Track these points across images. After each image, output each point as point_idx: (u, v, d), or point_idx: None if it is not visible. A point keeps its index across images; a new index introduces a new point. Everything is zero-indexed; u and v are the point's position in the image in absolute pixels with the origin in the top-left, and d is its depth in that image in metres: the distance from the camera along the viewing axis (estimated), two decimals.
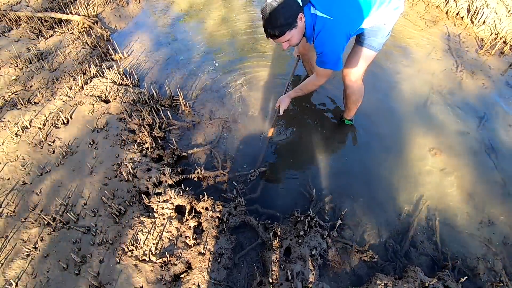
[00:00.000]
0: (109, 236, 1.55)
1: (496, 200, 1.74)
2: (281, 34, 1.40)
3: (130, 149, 1.97)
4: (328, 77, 1.71)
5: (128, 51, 2.92)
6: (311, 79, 1.79)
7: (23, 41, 2.98)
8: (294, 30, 1.42)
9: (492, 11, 2.93)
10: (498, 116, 2.19)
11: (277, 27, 1.38)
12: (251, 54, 2.80)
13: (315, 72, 1.73)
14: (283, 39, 1.44)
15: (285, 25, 1.38)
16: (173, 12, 3.48)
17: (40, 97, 2.36)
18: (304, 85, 1.84)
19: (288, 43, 1.49)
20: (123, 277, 1.41)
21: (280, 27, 1.38)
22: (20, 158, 1.92)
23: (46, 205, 1.70)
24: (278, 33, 1.40)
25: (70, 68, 2.63)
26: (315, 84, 1.79)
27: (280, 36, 1.41)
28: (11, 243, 1.54)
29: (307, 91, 1.89)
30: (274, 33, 1.40)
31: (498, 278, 1.45)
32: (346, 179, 1.86)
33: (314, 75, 1.76)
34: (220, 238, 1.54)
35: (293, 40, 1.47)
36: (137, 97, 2.34)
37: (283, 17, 1.36)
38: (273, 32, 1.40)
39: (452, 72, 2.54)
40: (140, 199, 1.72)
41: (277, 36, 1.41)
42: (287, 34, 1.41)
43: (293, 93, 1.91)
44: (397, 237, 1.61)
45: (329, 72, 1.64)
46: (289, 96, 1.93)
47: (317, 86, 1.84)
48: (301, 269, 1.41)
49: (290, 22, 1.38)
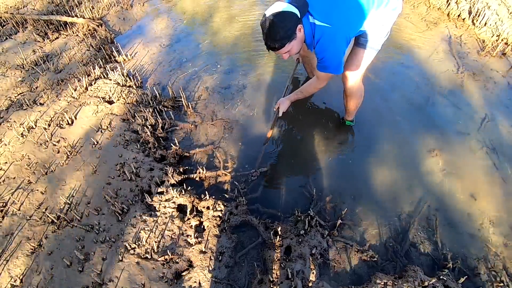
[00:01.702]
0: (112, 234, 1.58)
1: (497, 201, 1.74)
2: (281, 46, 1.43)
3: (133, 149, 2.00)
4: (328, 80, 1.72)
5: (132, 53, 2.96)
6: (312, 82, 1.80)
7: (29, 44, 3.03)
8: (293, 41, 1.44)
9: (493, 13, 2.93)
10: (499, 117, 2.19)
11: (276, 41, 1.40)
12: (253, 56, 2.83)
13: (316, 76, 1.74)
14: (283, 51, 1.47)
15: (284, 38, 1.40)
16: (176, 14, 3.53)
17: (45, 98, 2.40)
18: (305, 88, 1.85)
19: (288, 54, 1.51)
20: (126, 274, 1.43)
21: (280, 40, 1.40)
22: (25, 157, 1.96)
23: (51, 204, 1.73)
24: (278, 46, 1.42)
25: (75, 70, 2.67)
26: (316, 87, 1.80)
27: (280, 49, 1.44)
28: (16, 240, 1.57)
29: (308, 93, 1.90)
30: (274, 46, 1.43)
31: (499, 279, 1.45)
32: (347, 179, 1.87)
33: (315, 78, 1.77)
34: (221, 237, 1.56)
35: (293, 51, 1.50)
36: (140, 98, 2.38)
37: (283, 31, 1.38)
38: (273, 45, 1.42)
39: (453, 74, 2.54)
40: (143, 198, 1.75)
41: (277, 48, 1.44)
42: (287, 46, 1.44)
43: (293, 96, 1.92)
44: (397, 237, 1.62)
45: (330, 75, 1.66)
46: (289, 99, 1.94)
47: (317, 89, 1.84)
48: (302, 268, 1.42)
49: (290, 35, 1.40)
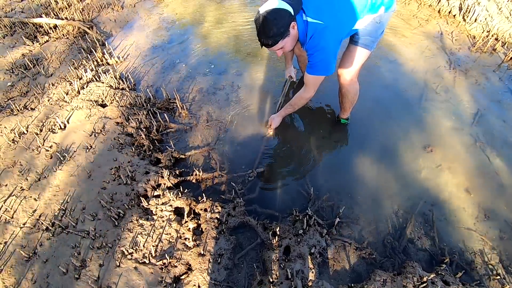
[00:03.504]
0: (108, 240, 1.56)
1: (491, 195, 1.76)
2: (274, 43, 1.46)
3: (128, 152, 1.98)
4: (316, 88, 1.71)
5: (124, 55, 2.93)
6: (300, 93, 1.79)
7: (18, 47, 2.98)
8: (287, 38, 1.47)
9: (483, 9, 2.97)
10: (492, 112, 2.22)
11: (270, 37, 1.43)
12: (246, 56, 2.82)
13: (305, 83, 1.72)
14: (276, 48, 1.49)
15: (278, 35, 1.43)
16: (168, 15, 3.50)
17: (36, 103, 2.36)
18: (294, 101, 1.85)
19: (281, 51, 1.53)
20: (123, 280, 1.41)
21: (273, 37, 1.43)
22: (17, 164, 1.92)
23: (45, 210, 1.69)
24: (272, 43, 1.45)
25: (66, 73, 2.63)
26: (303, 97, 1.78)
27: (273, 45, 1.47)
28: (10, 249, 1.54)
29: (298, 106, 1.88)
30: (268, 43, 1.45)
31: (495, 272, 1.47)
32: (343, 177, 1.88)
33: (303, 88, 1.75)
34: (220, 239, 1.55)
35: (286, 48, 1.53)
36: (134, 100, 2.35)
37: (276, 27, 1.40)
38: (266, 42, 1.45)
39: (445, 70, 2.57)
40: (139, 202, 1.72)
41: (271, 45, 1.46)
42: (280, 43, 1.46)
43: (283, 112, 1.94)
44: (395, 233, 1.63)
45: (317, 82, 1.66)
46: (280, 115, 1.96)
47: (306, 100, 1.81)
48: (301, 267, 1.42)
49: (283, 32, 1.43)
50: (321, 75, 1.61)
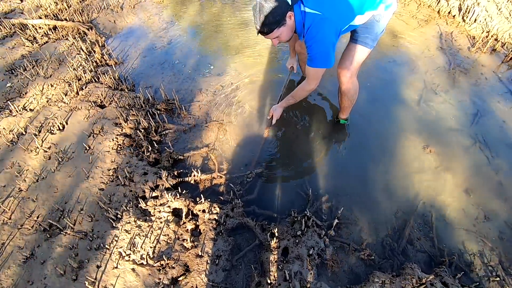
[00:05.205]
0: (106, 241, 1.55)
1: (490, 196, 1.75)
2: (270, 31, 1.48)
3: (126, 153, 1.97)
4: (318, 80, 1.70)
5: (123, 56, 2.93)
6: (302, 85, 1.78)
7: (18, 48, 2.98)
8: (283, 27, 1.49)
9: (483, 9, 2.96)
10: (491, 112, 2.21)
11: (265, 25, 1.45)
12: (245, 56, 2.82)
13: (306, 75, 1.73)
14: (272, 36, 1.51)
15: (273, 23, 1.45)
16: (167, 16, 3.50)
17: (35, 104, 2.36)
18: (296, 92, 1.84)
19: (277, 40, 1.55)
20: (121, 281, 1.40)
21: (268, 25, 1.45)
22: (15, 165, 1.92)
23: (43, 212, 1.69)
24: (267, 30, 1.47)
25: (65, 74, 2.63)
26: (305, 89, 1.78)
27: (269, 33, 1.49)
28: (7, 250, 1.54)
29: (299, 98, 1.88)
30: (263, 30, 1.48)
31: (495, 273, 1.46)
32: (342, 178, 1.87)
33: (305, 80, 1.75)
34: (218, 240, 1.54)
35: (282, 37, 1.54)
36: (133, 101, 2.35)
37: (271, 16, 1.42)
38: (261, 29, 1.48)
39: (445, 70, 2.56)
40: (137, 203, 1.72)
41: (266, 33, 1.49)
42: (276, 31, 1.49)
43: (285, 103, 1.93)
44: (394, 234, 1.62)
45: (319, 74, 1.65)
46: (281, 106, 1.95)
47: (308, 92, 1.81)
48: (299, 269, 1.41)
49: (278, 20, 1.45)
50: (321, 67, 1.60)
